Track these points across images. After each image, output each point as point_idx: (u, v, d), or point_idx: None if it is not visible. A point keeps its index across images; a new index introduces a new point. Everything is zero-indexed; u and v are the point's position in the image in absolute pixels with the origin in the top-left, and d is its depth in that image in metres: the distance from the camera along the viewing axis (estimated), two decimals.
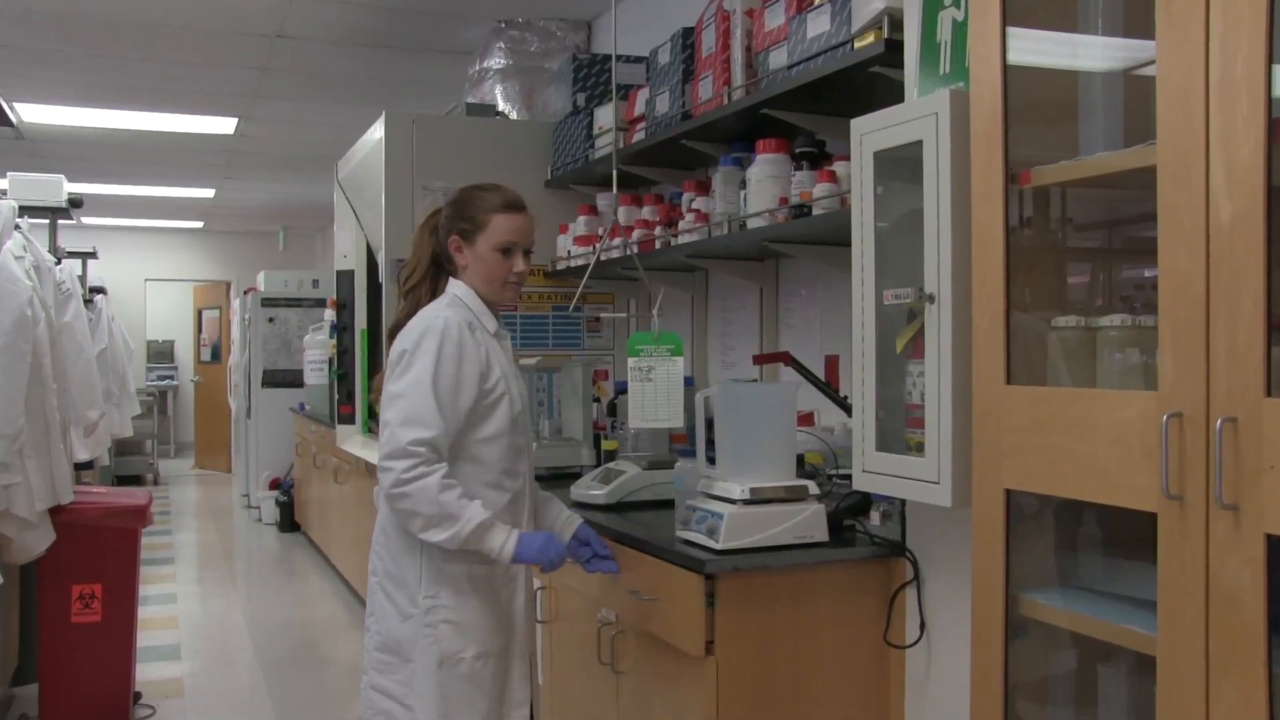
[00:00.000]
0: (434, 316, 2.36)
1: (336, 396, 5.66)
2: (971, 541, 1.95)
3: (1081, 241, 2.16)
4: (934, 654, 2.35)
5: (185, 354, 14.11)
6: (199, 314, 13.81)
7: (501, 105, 4.85)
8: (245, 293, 10.11)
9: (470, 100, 4.90)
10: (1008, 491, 1.87)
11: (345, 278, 5.35)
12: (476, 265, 2.43)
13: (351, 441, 5.32)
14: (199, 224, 13.38)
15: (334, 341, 5.99)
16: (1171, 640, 1.57)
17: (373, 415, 4.92)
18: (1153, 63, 1.62)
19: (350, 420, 5.40)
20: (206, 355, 13.60)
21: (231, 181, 9.99)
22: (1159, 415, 1.56)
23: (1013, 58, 1.87)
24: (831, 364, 3.23)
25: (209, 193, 10.66)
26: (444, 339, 2.31)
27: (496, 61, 4.89)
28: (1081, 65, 2.01)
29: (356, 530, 6.13)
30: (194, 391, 13.57)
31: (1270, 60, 1.45)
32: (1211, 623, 1.51)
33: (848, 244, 2.32)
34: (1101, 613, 1.79)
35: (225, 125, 7.54)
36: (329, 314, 7.62)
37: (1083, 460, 1.71)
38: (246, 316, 9.69)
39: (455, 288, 2.47)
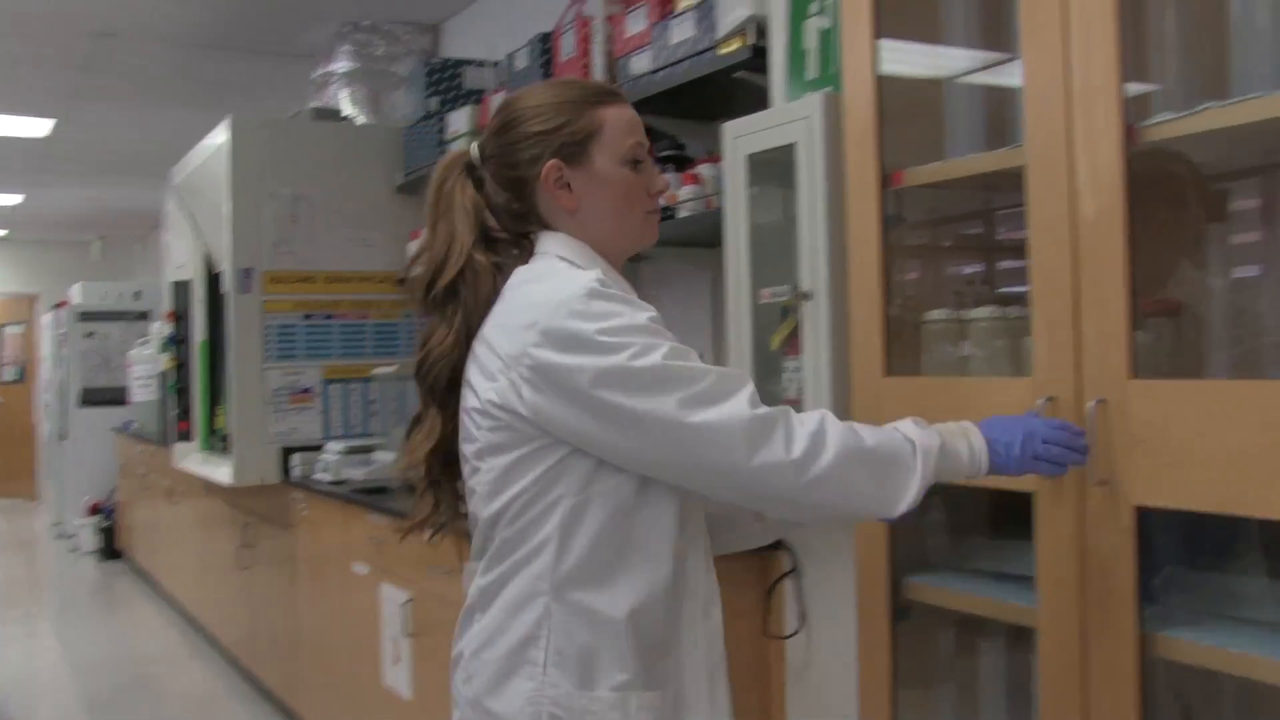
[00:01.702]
0: (554, 277, 1.51)
1: (173, 413, 5.45)
2: (855, 529, 2.03)
3: (950, 239, 2.27)
4: (814, 643, 2.42)
5: None
6: None
7: (348, 110, 4.77)
8: (56, 307, 9.63)
9: (315, 104, 4.80)
10: None
11: (182, 288, 5.15)
12: (600, 198, 1.56)
13: (190, 459, 5.12)
14: (2, 233, 12.67)
15: (168, 355, 5.77)
16: (1050, 610, 1.68)
17: (213, 437, 4.77)
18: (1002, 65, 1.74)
19: (187, 437, 5.20)
20: (10, 375, 12.87)
21: (43, 188, 9.48)
22: (1033, 399, 1.66)
23: (882, 67, 1.97)
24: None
25: (17, 199, 10.08)
26: (605, 295, 1.45)
27: (341, 65, 4.81)
28: (945, 73, 2.11)
29: (194, 553, 5.92)
30: None
31: (1123, 70, 1.57)
32: (1088, 591, 1.62)
33: (710, 245, 2.38)
34: (984, 590, 1.89)
35: (40, 127, 7.15)
36: (159, 327, 7.32)
37: None
38: (60, 332, 9.23)
39: (548, 244, 1.57)
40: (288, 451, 4.26)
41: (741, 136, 2.32)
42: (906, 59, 2.10)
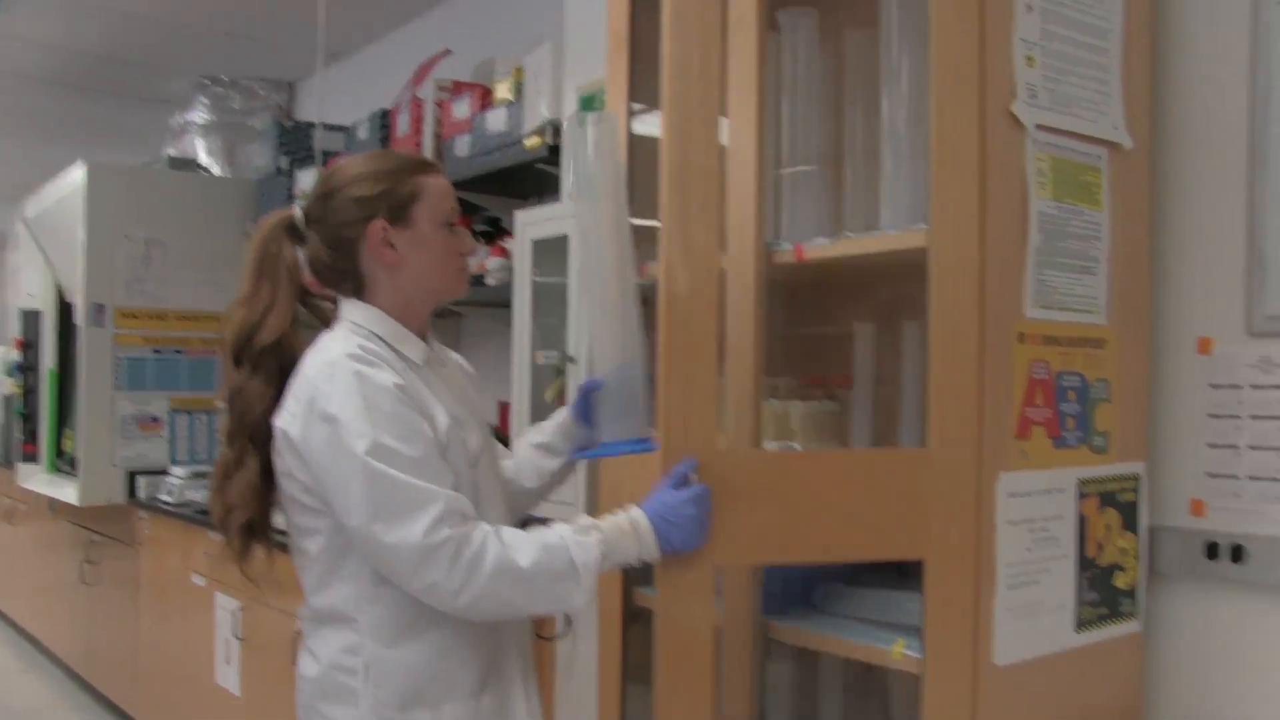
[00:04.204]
0: (322, 350, 1.67)
1: (18, 436, 5.66)
2: None
3: None
4: (578, 644, 2.90)
5: None
6: None
7: (203, 159, 5.12)
8: None
9: (172, 151, 5.13)
10: None
11: (31, 318, 5.40)
12: (419, 256, 1.71)
13: (35, 480, 5.36)
14: None
15: (14, 380, 5.98)
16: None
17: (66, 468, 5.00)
18: None
19: (34, 459, 5.44)
20: None
21: None
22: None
23: None
24: (504, 409, 3.76)
25: None
26: (363, 381, 1.60)
27: (199, 116, 5.16)
28: None
29: (35, 574, 6.11)
30: None
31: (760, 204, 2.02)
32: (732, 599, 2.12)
33: None
34: None
35: None
36: (3, 350, 7.45)
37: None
38: None
39: (351, 311, 1.73)
40: (134, 475, 4.58)
41: (529, 224, 2.83)
42: None
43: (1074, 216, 1.85)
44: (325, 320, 1.78)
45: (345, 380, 1.60)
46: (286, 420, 1.64)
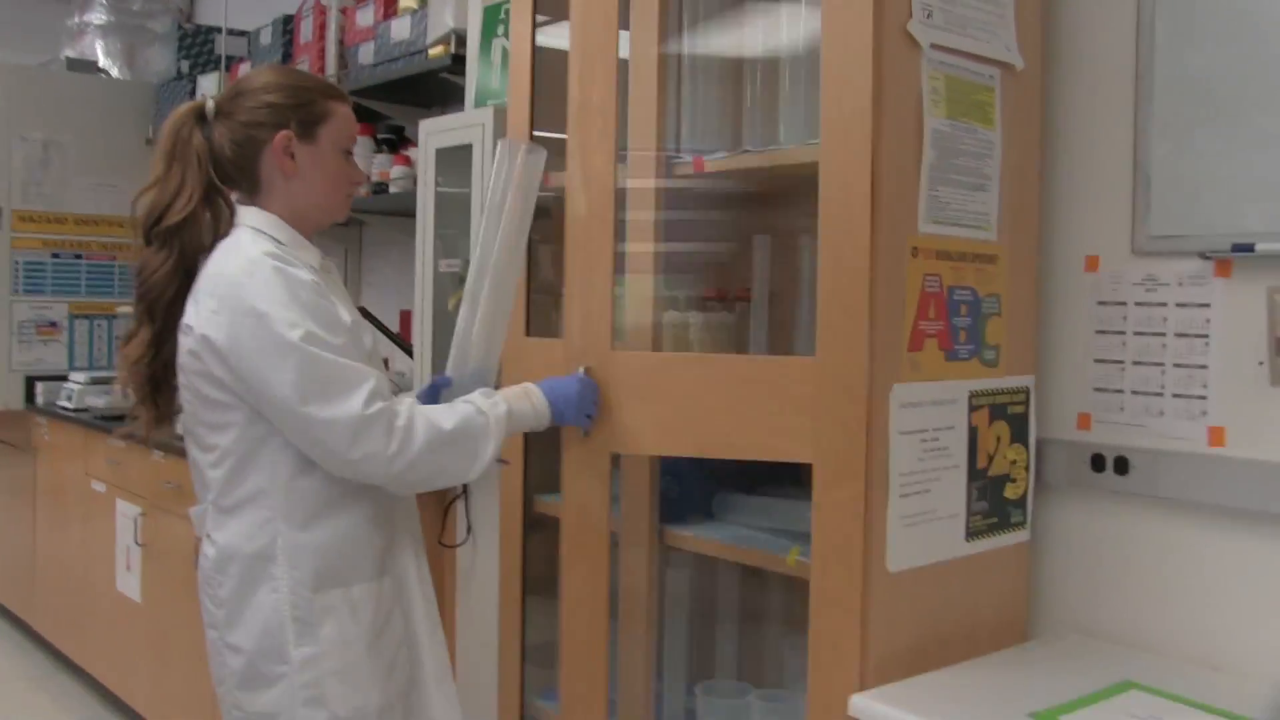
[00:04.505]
0: (237, 251, 1.77)
1: None
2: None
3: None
4: (478, 551, 2.94)
5: None
6: None
7: (102, 61, 4.97)
8: None
9: (69, 53, 4.98)
10: None
11: None
12: (314, 174, 1.84)
13: None
14: None
15: None
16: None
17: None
18: None
19: None
20: None
21: None
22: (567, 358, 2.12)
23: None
24: (405, 317, 3.75)
25: None
26: (286, 277, 1.72)
27: (97, 16, 5.01)
28: None
29: None
30: None
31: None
32: (628, 504, 2.17)
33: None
34: None
35: None
36: None
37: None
38: None
39: (250, 217, 1.83)
40: (32, 380, 4.50)
41: (432, 134, 2.80)
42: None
43: (967, 134, 1.88)
44: (219, 221, 1.83)
45: (267, 275, 1.70)
46: (204, 321, 1.72)
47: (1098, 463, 2.04)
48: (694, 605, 2.38)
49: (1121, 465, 2.00)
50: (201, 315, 1.73)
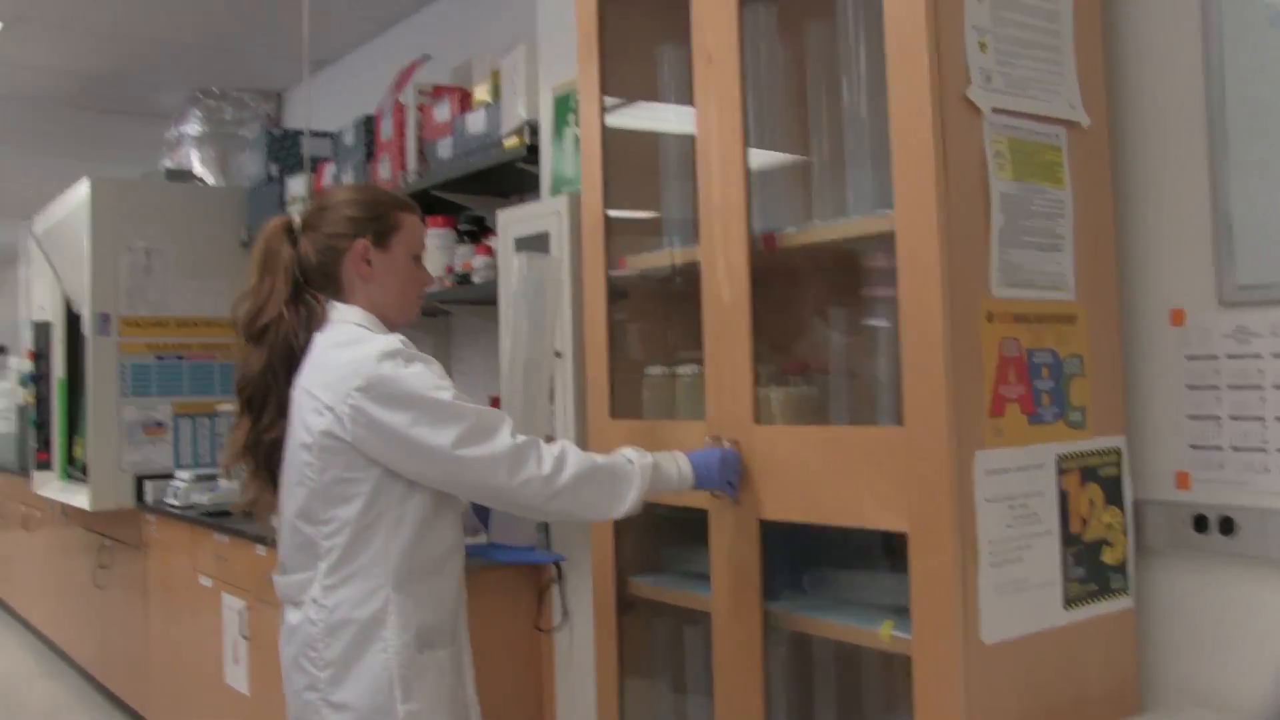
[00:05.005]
0: (366, 341, 1.95)
1: (32, 445, 5.74)
2: (591, 540, 2.55)
3: (666, 309, 2.81)
4: (574, 634, 2.94)
5: None
6: None
7: (198, 169, 5.18)
8: None
9: (168, 164, 5.20)
10: None
11: (42, 329, 5.49)
12: (389, 278, 2.06)
13: (49, 487, 5.44)
14: None
15: (27, 391, 6.06)
16: (720, 598, 2.20)
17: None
18: None
19: (48, 466, 5.52)
20: None
21: None
22: (703, 438, 2.19)
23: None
24: (494, 404, 3.80)
25: None
26: (415, 355, 1.95)
27: (193, 128, 5.23)
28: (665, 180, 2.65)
29: (51, 579, 6.20)
30: None
31: (749, 194, 2.08)
32: (736, 583, 2.16)
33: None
34: (681, 585, 2.42)
35: None
36: (17, 362, 7.55)
37: None
38: None
39: (346, 313, 2.04)
40: (141, 479, 4.65)
41: (510, 224, 2.86)
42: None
43: (1037, 195, 1.87)
44: (311, 318, 2.02)
45: (404, 357, 1.92)
46: (346, 396, 1.89)
47: (1200, 523, 1.96)
48: (793, 682, 2.34)
49: (1227, 526, 1.93)
50: (341, 393, 1.90)
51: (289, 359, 2.00)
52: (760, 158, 2.16)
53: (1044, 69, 1.90)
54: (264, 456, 2.06)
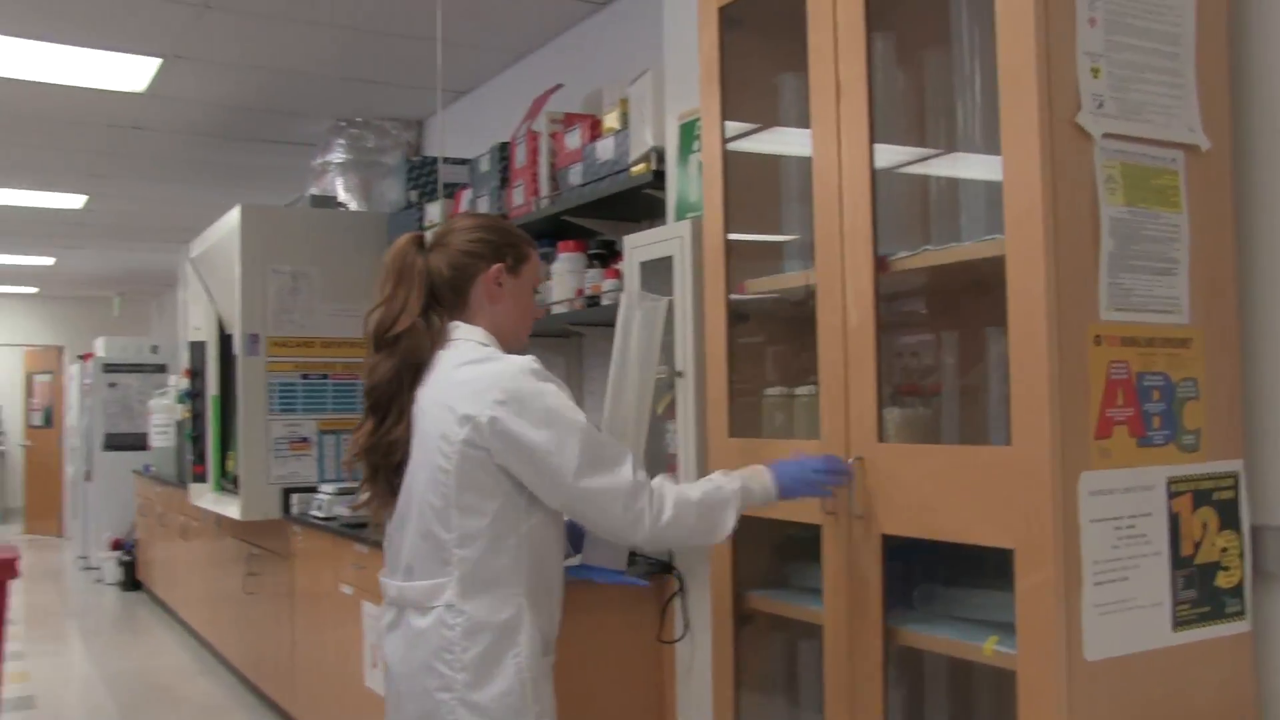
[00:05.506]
0: (502, 358, 2.08)
1: (189, 458, 6.07)
2: (711, 556, 2.62)
3: (784, 331, 2.88)
4: (695, 646, 3.02)
5: (14, 419, 14.03)
6: (28, 379, 13.81)
7: (342, 196, 5.42)
8: (82, 358, 10.30)
9: (313, 191, 5.46)
10: None
11: (198, 348, 5.80)
12: (514, 303, 2.20)
13: (204, 499, 5.75)
14: (34, 289, 13.40)
15: (184, 407, 6.40)
16: (832, 611, 2.25)
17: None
18: None
19: (203, 479, 5.83)
20: (38, 420, 13.59)
21: (74, 250, 10.21)
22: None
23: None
24: None
25: (49, 260, 10.82)
26: (551, 377, 2.07)
27: (337, 156, 5.48)
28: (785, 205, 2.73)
29: (206, 584, 6.54)
30: (23, 456, 13.51)
31: (875, 220, 2.13)
32: (853, 597, 2.21)
33: None
34: (796, 600, 2.47)
35: (75, 201, 7.88)
36: (176, 380, 7.99)
37: None
38: (86, 382, 9.90)
39: (470, 332, 2.14)
40: (288, 492, 4.90)
41: (637, 247, 2.96)
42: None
43: (1149, 220, 1.89)
44: (433, 333, 2.12)
45: (542, 377, 2.04)
46: (489, 408, 2.00)
47: None
48: (905, 697, 2.37)
49: None
50: (484, 404, 2.00)
51: (416, 368, 2.09)
52: (880, 183, 2.20)
53: (1162, 92, 1.91)
54: (382, 457, 2.14)
